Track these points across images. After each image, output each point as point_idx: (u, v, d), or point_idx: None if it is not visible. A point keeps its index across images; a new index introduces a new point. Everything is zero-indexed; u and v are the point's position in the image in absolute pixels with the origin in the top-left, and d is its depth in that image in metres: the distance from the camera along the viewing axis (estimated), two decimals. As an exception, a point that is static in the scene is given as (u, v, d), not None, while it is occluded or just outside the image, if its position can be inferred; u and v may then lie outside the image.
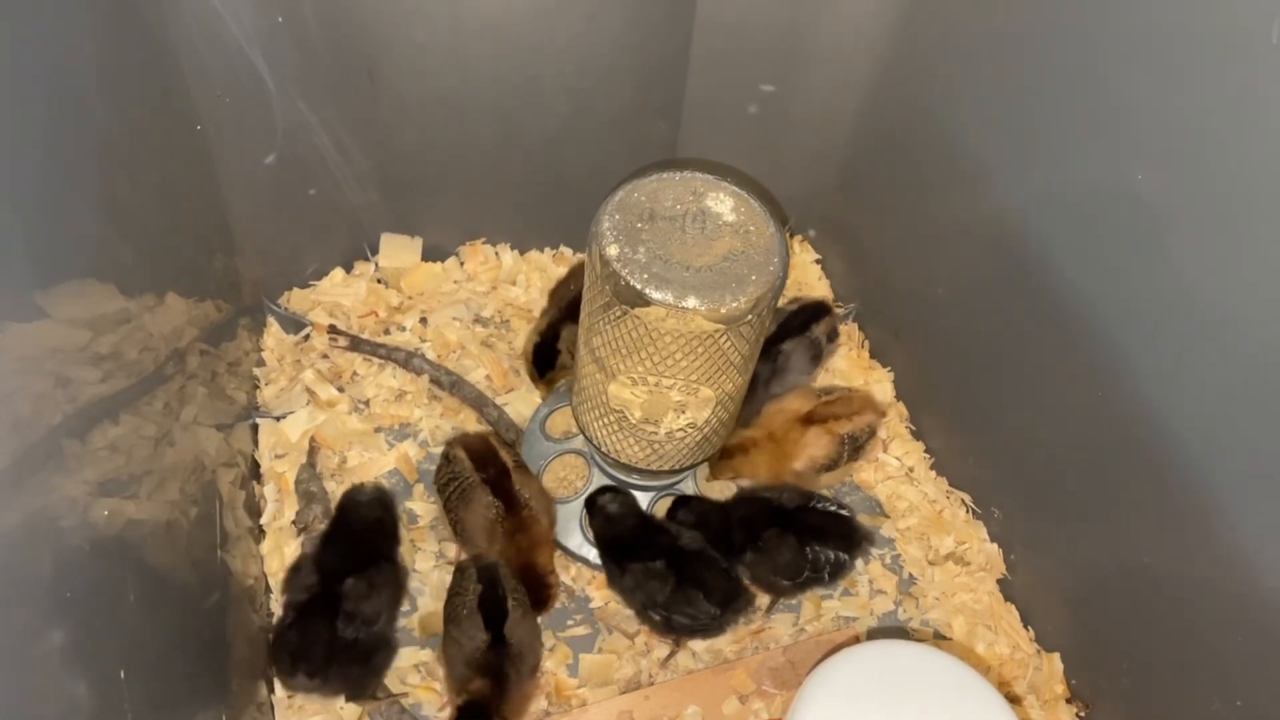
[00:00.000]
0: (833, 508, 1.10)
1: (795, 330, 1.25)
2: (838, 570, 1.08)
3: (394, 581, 1.04)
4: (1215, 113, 0.78)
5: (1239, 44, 0.74)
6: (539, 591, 1.05)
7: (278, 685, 1.03)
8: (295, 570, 1.01)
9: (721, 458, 1.14)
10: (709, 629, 1.04)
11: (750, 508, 1.10)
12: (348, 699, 1.01)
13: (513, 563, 1.03)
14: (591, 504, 1.11)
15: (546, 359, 1.19)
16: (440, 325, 1.32)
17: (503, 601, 0.97)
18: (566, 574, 1.14)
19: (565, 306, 1.21)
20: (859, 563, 1.17)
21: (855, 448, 1.17)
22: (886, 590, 1.17)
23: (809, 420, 1.16)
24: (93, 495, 0.72)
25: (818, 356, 1.27)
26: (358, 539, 1.04)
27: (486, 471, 1.06)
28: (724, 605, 1.02)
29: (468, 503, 1.05)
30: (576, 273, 1.24)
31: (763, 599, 1.12)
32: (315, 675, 0.94)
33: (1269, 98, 0.73)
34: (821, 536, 1.07)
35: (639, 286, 0.85)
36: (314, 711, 1.02)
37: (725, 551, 1.07)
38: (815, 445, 1.14)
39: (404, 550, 1.12)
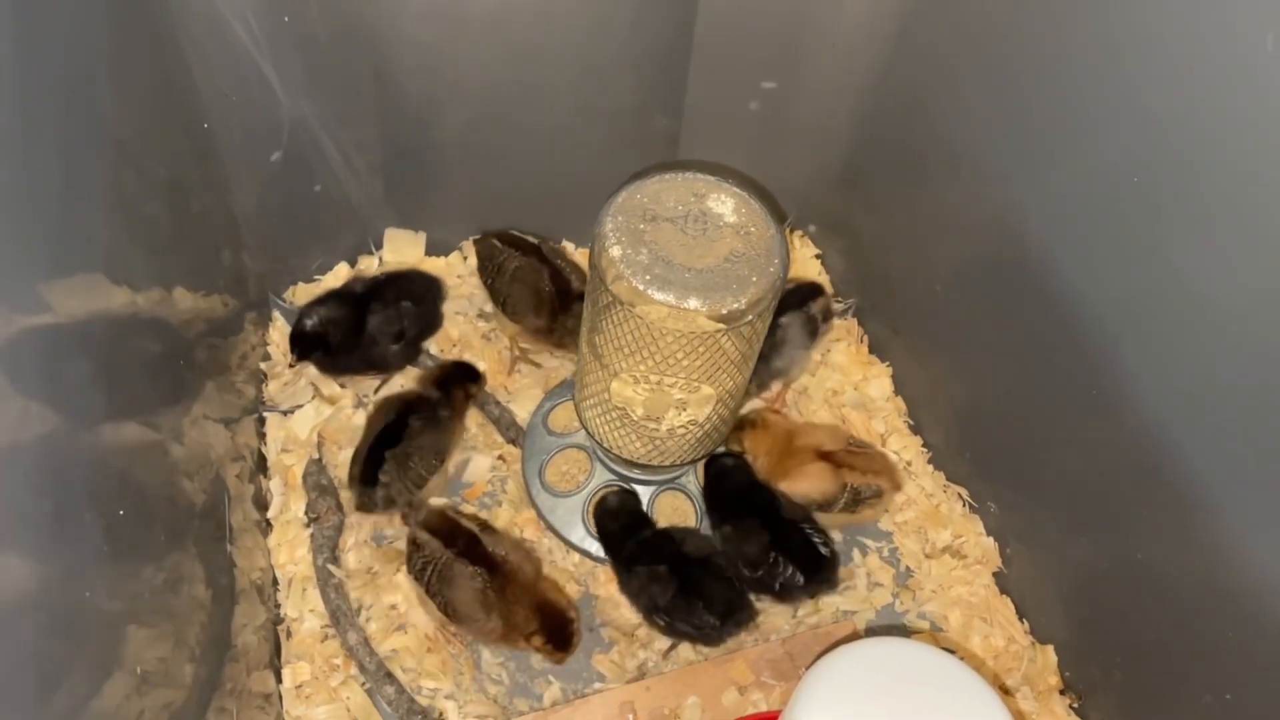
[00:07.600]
0: (818, 541, 1.08)
1: (793, 306, 1.26)
2: (788, 590, 1.08)
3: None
4: (1213, 114, 0.79)
5: (1236, 49, 0.75)
6: (562, 630, 1.03)
7: (285, 676, 1.05)
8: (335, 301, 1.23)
9: (734, 428, 1.15)
10: (709, 638, 1.06)
11: (754, 489, 1.13)
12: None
13: (517, 616, 1.03)
14: (599, 505, 1.13)
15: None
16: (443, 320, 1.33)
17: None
18: (569, 560, 1.16)
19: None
20: (857, 555, 1.19)
21: (855, 500, 1.14)
22: (884, 583, 1.19)
23: (826, 457, 1.14)
24: (105, 493, 0.74)
25: (814, 333, 1.28)
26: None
27: (456, 545, 1.04)
28: (724, 616, 1.04)
29: (449, 581, 1.02)
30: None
31: (763, 604, 1.13)
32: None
33: (1263, 102, 0.74)
34: (789, 553, 1.07)
35: (641, 287, 0.86)
36: (321, 701, 1.03)
37: (736, 500, 1.12)
38: (818, 477, 1.13)
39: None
